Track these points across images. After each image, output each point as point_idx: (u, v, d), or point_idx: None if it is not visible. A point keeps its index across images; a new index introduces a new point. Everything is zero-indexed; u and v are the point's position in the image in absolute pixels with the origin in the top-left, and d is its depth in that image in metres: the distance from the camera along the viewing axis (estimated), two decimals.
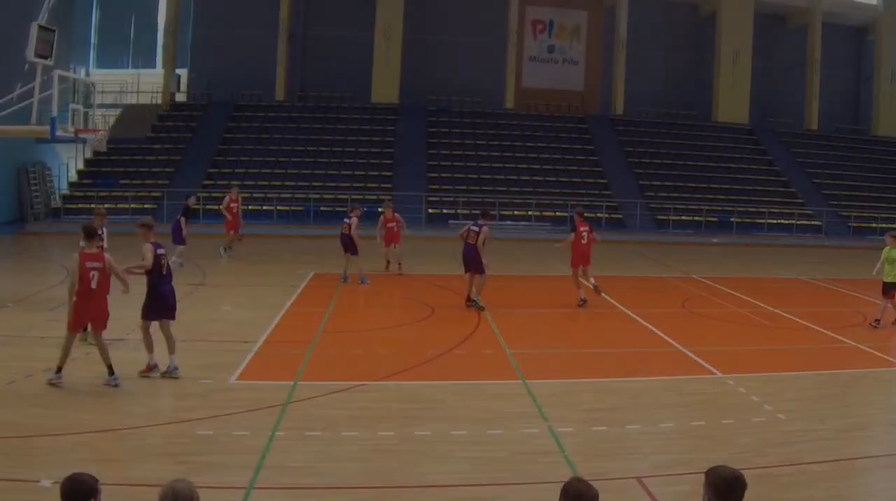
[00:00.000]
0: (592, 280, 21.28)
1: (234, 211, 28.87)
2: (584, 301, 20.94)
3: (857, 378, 15.07)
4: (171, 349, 13.68)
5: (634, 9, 49.64)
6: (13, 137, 32.79)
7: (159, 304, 13.78)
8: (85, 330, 13.75)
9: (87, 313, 12.94)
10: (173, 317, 14.03)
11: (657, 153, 47.05)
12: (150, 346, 13.71)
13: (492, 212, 24.90)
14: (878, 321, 19.13)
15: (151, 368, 13.64)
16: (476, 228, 20.45)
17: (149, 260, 13.58)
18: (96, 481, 5.42)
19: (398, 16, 47.55)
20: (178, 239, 25.49)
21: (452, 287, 23.24)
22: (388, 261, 26.36)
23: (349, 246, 23.82)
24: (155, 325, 13.83)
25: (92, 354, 13.64)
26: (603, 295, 21.17)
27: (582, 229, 21.21)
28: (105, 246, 14.64)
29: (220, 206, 29.28)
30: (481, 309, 20.00)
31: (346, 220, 24.10)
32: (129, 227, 35.46)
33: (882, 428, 12.37)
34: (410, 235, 28.18)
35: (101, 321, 13.07)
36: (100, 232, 14.44)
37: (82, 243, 13.06)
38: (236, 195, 29.14)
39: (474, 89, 49.31)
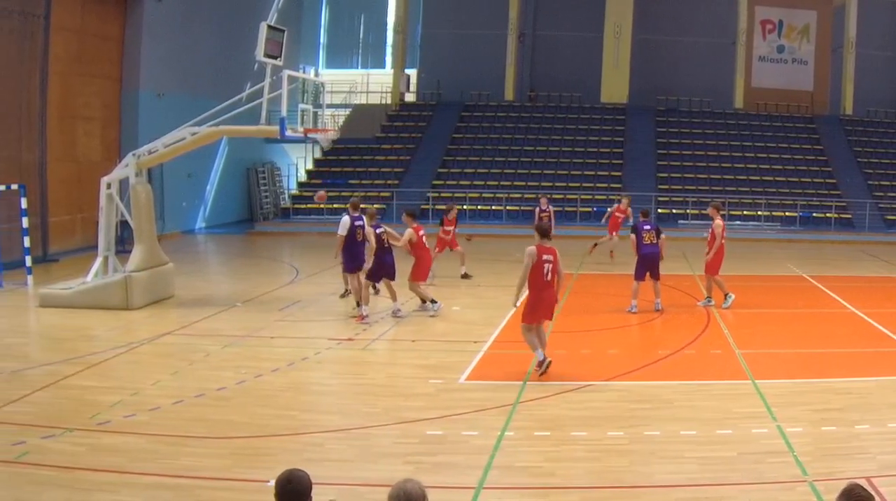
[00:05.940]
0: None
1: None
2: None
3: None
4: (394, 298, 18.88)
5: (863, 8, 47.16)
6: (243, 137, 34.30)
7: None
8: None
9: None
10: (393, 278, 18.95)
11: (886, 153, 44.69)
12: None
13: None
14: None
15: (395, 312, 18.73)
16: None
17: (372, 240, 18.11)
18: (310, 480, 5.44)
19: (628, 16, 46.96)
20: None
21: (682, 287, 22.80)
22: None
23: None
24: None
25: (321, 353, 14.07)
26: None
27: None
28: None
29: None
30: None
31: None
32: None
33: None
34: None
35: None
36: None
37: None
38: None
39: (703, 89, 48.06)
